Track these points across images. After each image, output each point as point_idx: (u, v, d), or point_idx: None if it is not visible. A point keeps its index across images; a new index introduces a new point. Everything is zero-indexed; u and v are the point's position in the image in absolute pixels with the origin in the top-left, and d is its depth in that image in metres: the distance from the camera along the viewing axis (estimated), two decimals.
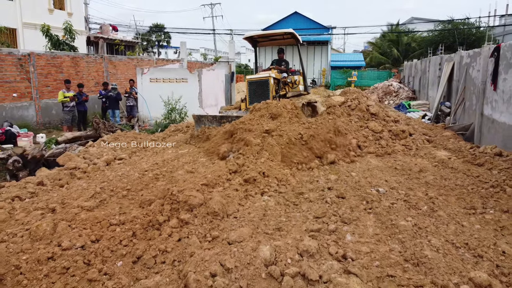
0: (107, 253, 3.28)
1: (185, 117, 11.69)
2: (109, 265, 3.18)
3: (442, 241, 3.52)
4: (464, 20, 34.07)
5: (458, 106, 11.36)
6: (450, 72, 12.81)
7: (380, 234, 3.75)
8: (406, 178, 5.48)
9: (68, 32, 15.18)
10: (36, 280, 2.97)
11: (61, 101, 11.41)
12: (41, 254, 3.13)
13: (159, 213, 3.84)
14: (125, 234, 3.53)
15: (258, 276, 3.04)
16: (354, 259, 3.26)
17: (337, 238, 3.66)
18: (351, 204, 4.45)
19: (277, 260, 3.18)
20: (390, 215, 4.10)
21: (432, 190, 4.93)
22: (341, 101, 8.05)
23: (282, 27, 36.82)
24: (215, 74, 14.81)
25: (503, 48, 8.05)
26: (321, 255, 3.31)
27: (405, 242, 3.54)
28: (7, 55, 11.92)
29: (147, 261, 3.28)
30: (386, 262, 3.23)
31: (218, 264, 3.12)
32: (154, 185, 5.16)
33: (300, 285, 2.95)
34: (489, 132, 8.52)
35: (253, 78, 8.80)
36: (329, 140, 6.42)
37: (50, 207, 4.42)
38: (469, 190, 4.93)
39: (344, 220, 4.04)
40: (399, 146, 7.13)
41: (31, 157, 6.77)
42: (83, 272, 3.06)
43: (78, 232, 3.49)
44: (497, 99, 8.22)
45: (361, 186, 5.01)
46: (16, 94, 12.11)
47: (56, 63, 13.71)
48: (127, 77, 17.27)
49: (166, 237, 3.56)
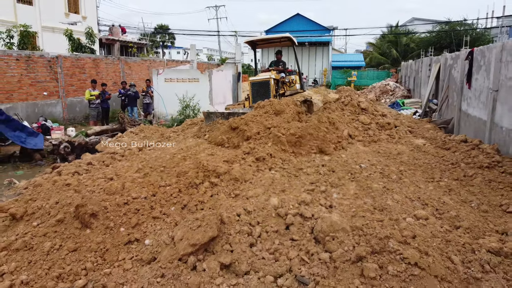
0: (163, 202, 4.65)
1: (198, 113, 13.05)
2: (165, 209, 4.55)
3: (402, 197, 4.85)
4: (461, 22, 35.27)
5: (443, 103, 12.68)
6: (437, 72, 14.12)
7: (358, 193, 5.09)
8: (385, 158, 6.81)
9: (89, 36, 16.57)
10: (118, 216, 4.34)
11: (88, 99, 12.80)
12: (119, 201, 4.50)
13: (195, 178, 5.20)
14: (173, 191, 4.89)
15: (269, 215, 4.39)
16: (337, 207, 4.61)
17: (326, 196, 5.00)
18: (339, 175, 5.78)
19: (282, 206, 4.53)
20: (367, 181, 5.44)
21: (403, 166, 6.27)
22: (336, 97, 9.38)
23: (285, 29, 38.24)
24: (224, 74, 16.18)
25: (476, 52, 9.38)
26: (314, 204, 4.66)
27: (375, 197, 4.88)
28: (39, 57, 13.32)
29: (191, 207, 4.64)
30: (360, 209, 4.56)
31: (242, 208, 4.47)
32: (183, 163, 6.51)
33: (298, 220, 4.30)
34: (465, 125, 9.85)
35: (255, 80, 10.04)
36: (323, 137, 7.70)
37: (108, 177, 5.79)
38: (433, 166, 6.26)
39: (332, 185, 5.38)
40: (384, 136, 8.46)
41: (77, 144, 8.14)
42: (149, 212, 4.44)
43: (140, 189, 4.86)
44: (471, 96, 9.55)
45: (348, 164, 6.34)
46: (47, 93, 13.50)
47: (79, 65, 15.11)
48: (140, 77, 18.67)
49: (202, 193, 4.92)
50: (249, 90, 10.17)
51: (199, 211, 4.61)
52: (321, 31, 39.18)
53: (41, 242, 4.13)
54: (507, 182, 5.34)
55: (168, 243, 4.05)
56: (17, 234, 4.35)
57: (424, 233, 3.64)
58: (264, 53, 38.79)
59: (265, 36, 11.33)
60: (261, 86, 9.86)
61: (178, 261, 3.82)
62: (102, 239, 4.13)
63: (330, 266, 3.60)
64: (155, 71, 15.11)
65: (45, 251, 4.01)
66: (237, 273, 3.78)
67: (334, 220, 4.06)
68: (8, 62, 12.06)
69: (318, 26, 39.53)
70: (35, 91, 13.11)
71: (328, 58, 38.85)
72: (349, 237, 3.84)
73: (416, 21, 57.22)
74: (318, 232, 4.08)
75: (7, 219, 4.69)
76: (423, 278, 3.12)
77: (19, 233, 4.35)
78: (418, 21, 56.01)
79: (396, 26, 42.35)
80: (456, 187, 5.32)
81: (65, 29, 16.58)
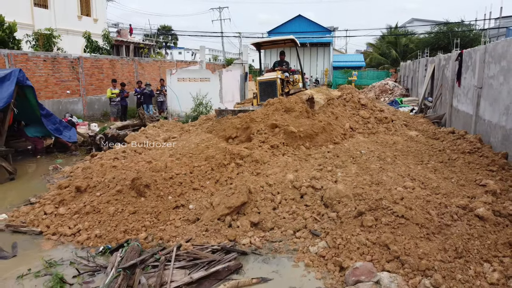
0: (200, 177, 5.70)
1: (210, 110, 14.09)
2: (202, 183, 5.60)
3: (395, 174, 5.89)
4: (459, 23, 36.27)
5: (437, 100, 13.72)
6: (432, 72, 15.16)
7: (358, 172, 6.13)
8: (382, 146, 7.85)
9: (106, 38, 17.63)
10: (166, 187, 5.40)
11: (109, 97, 13.85)
12: (165, 176, 5.55)
13: (223, 160, 6.25)
14: (206, 169, 5.95)
15: (287, 187, 5.44)
16: (341, 182, 5.65)
17: (332, 174, 6.05)
18: (342, 159, 6.82)
19: (297, 180, 5.57)
20: (366, 163, 6.48)
21: (398, 152, 7.31)
22: (338, 94, 10.42)
23: (287, 30, 39.29)
24: (232, 74, 17.22)
25: (464, 54, 10.42)
26: (322, 179, 5.71)
27: (373, 175, 5.92)
28: (63, 59, 14.38)
29: (222, 182, 5.70)
30: (360, 184, 5.59)
31: (264, 182, 5.52)
32: (207, 150, 7.54)
33: (311, 191, 5.35)
34: (455, 119, 10.89)
35: (262, 79, 10.88)
36: (330, 132, 8.71)
37: (147, 161, 6.84)
38: (423, 152, 7.31)
39: (337, 166, 6.42)
40: (381, 128, 9.49)
41: (110, 136, 9.19)
42: (190, 185, 5.49)
43: (179, 168, 5.91)
44: (460, 93, 10.59)
45: (350, 151, 7.37)
46: (69, 91, 14.55)
47: (98, 65, 16.17)
48: (152, 77, 19.72)
49: (230, 171, 5.97)
50: (257, 89, 10.98)
51: (229, 184, 5.66)
52: (322, 32, 40.23)
53: (106, 207, 5.17)
54: (483, 164, 6.39)
55: (208, 207, 5.10)
56: (84, 202, 5.40)
57: (410, 196, 4.68)
58: (267, 53, 39.82)
59: (271, 38, 12.31)
60: (268, 85, 10.67)
61: (217, 220, 4.87)
62: (155, 204, 5.18)
63: (337, 222, 4.65)
64: (168, 71, 16.15)
65: (110, 213, 5.06)
66: (264, 229, 4.83)
67: (340, 189, 5.12)
68: (36, 62, 13.11)
69: (319, 27, 40.57)
70: (59, 89, 14.15)
71: (329, 59, 39.89)
72: (351, 201, 4.89)
73: (415, 21, 58.30)
74: (327, 199, 5.13)
75: (72, 191, 5.74)
76: (408, 225, 4.16)
77: (86, 201, 5.40)
78: (418, 21, 57.11)
79: (396, 27, 43.35)
80: (440, 167, 6.37)
81: (84, 31, 17.64)
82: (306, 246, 4.40)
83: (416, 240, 3.97)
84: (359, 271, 3.63)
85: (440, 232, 4.08)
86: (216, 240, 4.55)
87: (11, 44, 13.38)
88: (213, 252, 4.30)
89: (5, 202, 6.27)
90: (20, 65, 12.40)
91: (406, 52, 39.24)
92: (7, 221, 5.34)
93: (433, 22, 44.81)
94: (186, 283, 3.73)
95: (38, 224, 5.12)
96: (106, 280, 3.72)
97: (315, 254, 4.24)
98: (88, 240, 4.69)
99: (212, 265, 4.00)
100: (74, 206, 5.41)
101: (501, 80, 7.42)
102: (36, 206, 5.71)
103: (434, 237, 4.01)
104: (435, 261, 3.70)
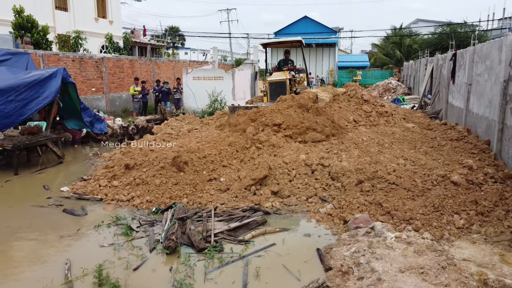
0: (227, 157, 6.86)
1: (225, 106, 15.25)
2: (229, 161, 6.75)
3: (390, 155, 6.99)
4: (462, 24, 37.14)
5: (435, 97, 14.76)
6: (431, 71, 16.20)
7: (360, 154, 7.24)
8: (381, 135, 8.95)
9: (126, 40, 18.87)
10: (200, 164, 6.55)
11: (132, 94, 15.07)
12: (199, 155, 6.71)
13: (245, 144, 7.39)
14: (232, 150, 7.10)
15: (300, 165, 6.56)
16: (345, 161, 6.76)
17: (338, 156, 7.17)
18: (346, 145, 7.93)
19: (308, 159, 6.70)
20: (367, 148, 7.59)
21: (394, 140, 8.41)
22: (343, 91, 11.53)
23: (293, 31, 40.43)
24: (244, 73, 18.38)
25: (458, 54, 11.48)
26: (330, 159, 6.83)
27: (372, 156, 7.02)
28: (89, 59, 15.63)
29: (245, 161, 6.84)
30: (361, 163, 6.69)
31: (281, 161, 6.65)
32: (228, 138, 8.68)
33: (320, 168, 6.48)
34: (450, 114, 11.95)
35: (273, 80, 11.84)
36: (339, 127, 9.85)
37: (178, 146, 8.00)
38: (416, 140, 8.41)
39: (342, 150, 7.54)
40: (382, 121, 10.58)
41: (141, 127, 10.38)
42: (219, 163, 6.65)
43: (209, 150, 7.07)
44: (454, 90, 11.65)
45: (353, 139, 8.48)
46: (94, 89, 15.79)
47: (119, 65, 17.41)
48: (167, 76, 20.94)
49: (251, 153, 7.11)
50: (267, 88, 11.94)
51: (252, 162, 6.79)
52: (327, 33, 41.27)
53: (153, 180, 6.34)
54: (467, 148, 7.47)
55: (236, 179, 6.25)
56: (133, 176, 6.57)
57: (400, 169, 5.80)
58: (273, 52, 40.93)
59: (280, 39, 13.42)
60: (278, 85, 11.64)
61: (244, 189, 6.01)
62: (193, 178, 6.34)
63: (342, 190, 5.78)
64: (184, 70, 17.35)
65: (157, 184, 6.22)
66: (282, 196, 5.96)
67: (344, 165, 6.24)
68: (66, 62, 14.33)
69: (325, 28, 41.63)
70: (85, 87, 15.38)
71: (335, 59, 40.94)
72: (353, 174, 6.01)
73: (420, 22, 59.10)
74: (333, 173, 6.26)
75: (122, 168, 6.91)
76: (397, 189, 5.27)
77: (135, 175, 6.57)
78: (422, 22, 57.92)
79: (400, 28, 44.28)
80: (430, 151, 7.46)
81: (104, 33, 18.90)
82: (316, 208, 5.53)
83: (403, 200, 5.09)
84: (359, 220, 4.75)
85: (422, 194, 5.19)
86: (244, 204, 5.69)
87: (44, 45, 14.63)
88: (243, 211, 5.44)
89: (60, 180, 7.46)
90: (52, 65, 13.65)
91: (410, 52, 40.16)
92: (70, 192, 6.52)
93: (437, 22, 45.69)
94: (225, 230, 4.88)
95: (97, 193, 6.30)
96: (165, 227, 4.88)
97: (324, 213, 5.36)
98: (142, 204, 5.86)
99: (244, 219, 5.14)
100: (125, 179, 6.58)
101: (485, 77, 8.49)
102: (91, 181, 6.90)
103: (417, 198, 5.13)
104: (417, 214, 4.81)
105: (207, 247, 4.40)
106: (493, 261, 3.65)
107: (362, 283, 3.49)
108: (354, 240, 4.40)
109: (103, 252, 4.41)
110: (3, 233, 4.97)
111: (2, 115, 8.12)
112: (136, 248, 4.52)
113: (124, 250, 4.47)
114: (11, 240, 4.79)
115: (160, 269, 4.07)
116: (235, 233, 4.91)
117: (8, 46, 12.38)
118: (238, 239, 4.70)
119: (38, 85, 8.80)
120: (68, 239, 4.79)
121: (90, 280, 3.79)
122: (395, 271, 3.51)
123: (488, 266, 3.53)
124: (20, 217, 5.52)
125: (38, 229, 5.12)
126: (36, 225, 5.25)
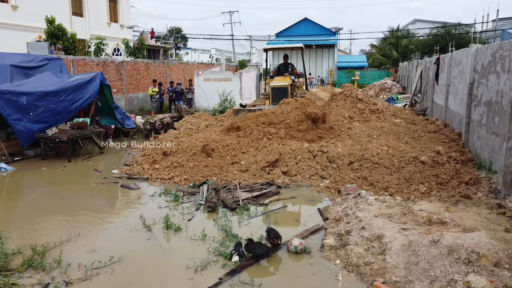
0: (245, 146, 8.50)
1: (234, 105, 16.87)
2: (247, 149, 8.40)
3: (377, 144, 8.61)
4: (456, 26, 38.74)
5: (423, 96, 16.40)
6: (421, 72, 17.83)
7: (352, 143, 8.87)
8: (372, 129, 10.58)
9: (141, 44, 20.51)
10: (224, 151, 8.20)
11: (150, 94, 16.71)
12: (223, 144, 8.35)
13: (258, 135, 9.03)
14: (248, 141, 8.74)
15: (304, 152, 8.20)
16: (340, 148, 8.40)
17: (334, 145, 8.80)
18: (342, 137, 9.56)
19: (310, 147, 8.33)
20: (358, 138, 9.23)
21: (382, 132, 10.04)
22: (340, 91, 13.16)
23: (293, 32, 42.11)
24: (250, 75, 20.02)
25: (441, 58, 13.11)
26: (328, 147, 8.46)
27: (362, 144, 8.65)
28: (110, 62, 17.27)
29: (260, 149, 8.49)
30: (353, 150, 8.32)
31: (289, 148, 8.29)
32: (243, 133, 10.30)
33: (320, 153, 8.12)
34: (435, 111, 13.57)
35: (275, 85, 13.20)
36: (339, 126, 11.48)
37: (202, 138, 9.62)
38: (401, 132, 10.05)
39: (338, 140, 9.18)
40: (374, 117, 12.20)
41: (165, 123, 12.02)
42: (239, 150, 8.30)
43: (230, 140, 8.71)
44: (438, 90, 13.27)
45: (347, 131, 10.10)
46: (115, 90, 17.42)
47: (136, 68, 19.05)
48: (178, 77, 22.57)
49: (264, 143, 8.75)
50: (270, 92, 13.33)
51: (265, 150, 8.42)
52: (327, 34, 42.89)
53: (187, 163, 7.97)
54: (440, 139, 9.11)
55: (253, 162, 7.89)
56: (171, 161, 8.22)
57: (382, 153, 7.44)
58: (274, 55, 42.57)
59: (283, 46, 14.91)
60: (280, 91, 13.02)
61: (260, 170, 7.65)
62: (219, 161, 7.97)
63: (337, 169, 7.42)
64: (196, 72, 18.99)
65: (191, 167, 7.86)
66: (290, 175, 7.60)
67: (339, 151, 7.89)
68: (92, 66, 15.94)
69: (324, 30, 43.26)
70: None
71: (334, 59, 42.58)
72: (346, 157, 7.65)
73: (418, 22, 60.72)
74: (331, 157, 7.90)
75: (160, 155, 8.56)
76: (379, 167, 6.91)
77: (172, 160, 8.21)
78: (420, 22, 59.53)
79: (397, 29, 45.89)
80: (410, 141, 9.11)
81: (123, 38, 20.55)
82: (317, 183, 7.16)
83: (383, 175, 6.73)
84: (349, 189, 6.40)
85: (398, 171, 6.83)
86: (261, 180, 7.33)
87: (73, 51, 16.28)
88: (261, 185, 7.08)
89: (106, 165, 9.10)
90: (81, 68, 15.29)
91: (406, 53, 41.74)
92: (120, 173, 8.16)
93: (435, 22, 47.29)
94: (249, 197, 6.51)
95: (143, 174, 7.94)
96: (204, 195, 6.52)
97: (323, 186, 7.00)
98: (181, 181, 7.49)
99: (262, 190, 6.79)
100: (164, 163, 8.23)
101: (459, 79, 10.12)
102: (134, 166, 8.54)
103: (394, 173, 6.77)
104: (393, 184, 6.45)
105: (238, 207, 6.05)
106: (440, 211, 5.28)
107: (348, 225, 5.13)
108: (345, 201, 6.05)
109: (162, 211, 6.05)
110: (83, 201, 6.63)
111: (55, 113, 9.76)
112: (186, 208, 6.17)
113: (176, 210, 6.11)
114: (92, 204, 6.44)
115: (206, 220, 5.72)
116: (256, 199, 6.55)
117: (44, 52, 14.02)
118: (260, 202, 6.35)
119: (82, 87, 10.44)
120: (133, 204, 6.44)
121: (159, 226, 5.43)
122: (371, 216, 5.14)
123: (435, 213, 5.17)
124: (90, 190, 7.18)
125: (108, 198, 6.78)
126: (106, 195, 6.90)
